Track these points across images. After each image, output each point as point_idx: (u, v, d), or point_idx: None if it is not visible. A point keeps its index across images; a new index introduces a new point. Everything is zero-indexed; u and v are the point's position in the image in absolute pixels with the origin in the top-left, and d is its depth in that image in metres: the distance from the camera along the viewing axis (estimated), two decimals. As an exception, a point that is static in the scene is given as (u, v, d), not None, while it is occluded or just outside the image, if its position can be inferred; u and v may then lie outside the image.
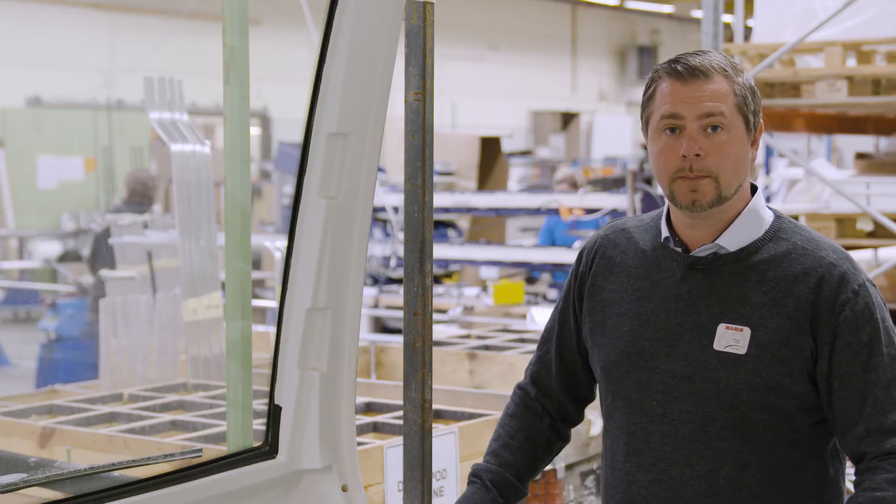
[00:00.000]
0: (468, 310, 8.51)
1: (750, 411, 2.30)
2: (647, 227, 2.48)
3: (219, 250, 4.84)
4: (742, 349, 2.30)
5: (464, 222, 11.29)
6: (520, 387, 2.64)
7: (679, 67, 2.32)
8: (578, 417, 2.65)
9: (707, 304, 2.34)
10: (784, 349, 2.29)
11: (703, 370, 2.32)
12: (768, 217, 2.40)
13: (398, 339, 5.94)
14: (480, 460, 2.58)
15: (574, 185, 9.27)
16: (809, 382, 2.31)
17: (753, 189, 2.42)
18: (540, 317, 6.65)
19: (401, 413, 2.73)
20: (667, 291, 2.38)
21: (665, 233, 2.41)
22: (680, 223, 2.40)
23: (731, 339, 2.31)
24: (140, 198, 8.81)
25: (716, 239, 2.36)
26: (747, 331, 2.30)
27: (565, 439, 2.64)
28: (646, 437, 2.38)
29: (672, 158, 2.31)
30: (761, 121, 2.39)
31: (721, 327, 2.32)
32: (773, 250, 2.34)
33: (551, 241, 9.22)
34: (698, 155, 2.29)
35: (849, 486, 2.91)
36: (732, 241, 2.36)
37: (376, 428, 3.98)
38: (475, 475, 2.55)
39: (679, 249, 2.39)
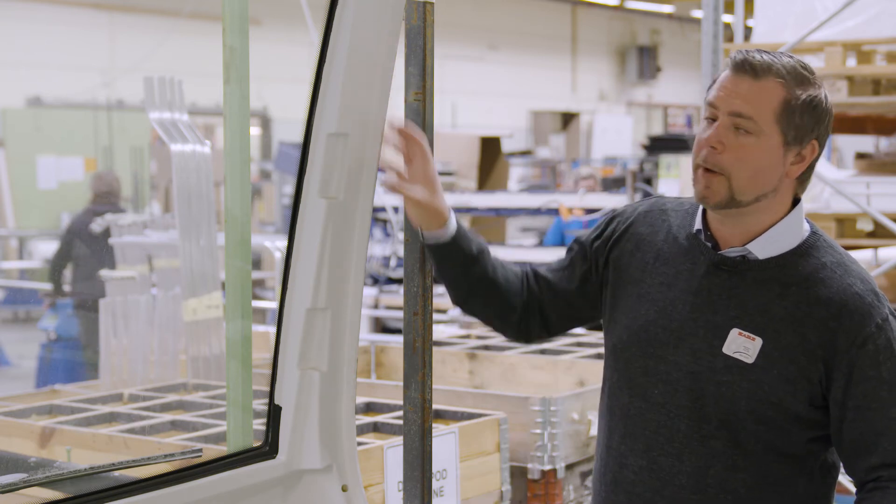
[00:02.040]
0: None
1: (746, 420, 2.29)
2: (685, 214, 2.45)
3: (219, 250, 4.84)
4: (750, 358, 2.28)
5: (464, 222, 11.30)
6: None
7: (739, 58, 2.28)
8: (537, 324, 2.57)
9: (726, 305, 2.32)
10: (791, 367, 2.26)
11: (708, 370, 2.31)
12: (804, 232, 2.35)
13: (398, 339, 5.94)
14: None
15: (594, 185, 9.22)
16: (810, 405, 2.29)
17: (796, 201, 2.37)
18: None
19: (401, 413, 2.73)
20: (689, 284, 2.36)
21: (698, 225, 2.39)
22: (712, 218, 2.37)
23: (742, 346, 2.29)
24: (105, 198, 8.78)
25: (747, 243, 2.33)
26: (759, 341, 2.28)
27: (517, 308, 2.54)
28: (643, 424, 2.38)
29: (700, 147, 2.30)
30: (814, 142, 2.31)
31: (734, 332, 2.30)
32: (801, 266, 2.30)
33: (560, 240, 9.19)
34: (715, 148, 2.26)
35: (847, 485, 2.90)
36: (763, 249, 2.32)
37: (376, 428, 3.98)
38: None
39: (709, 244, 2.36)
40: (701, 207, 2.39)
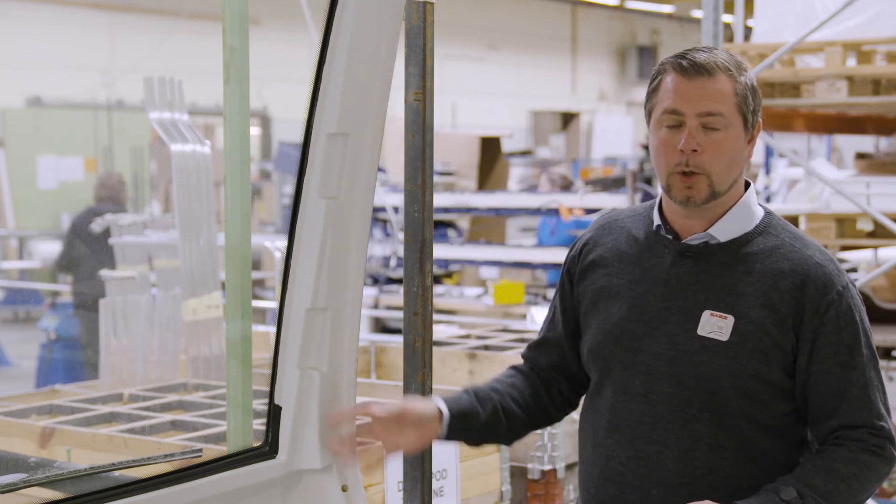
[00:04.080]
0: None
1: (727, 397, 2.37)
2: (641, 216, 2.55)
3: (219, 250, 4.84)
4: (724, 336, 2.36)
5: (464, 222, 11.29)
6: (511, 366, 2.68)
7: (685, 63, 2.37)
8: (570, 392, 2.66)
9: (695, 290, 2.40)
10: (765, 339, 2.35)
11: (685, 353, 2.38)
12: (759, 212, 2.47)
13: (398, 339, 5.94)
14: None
15: (567, 186, 9.23)
16: (784, 374, 2.38)
17: (747, 185, 2.48)
18: (540, 317, 6.65)
19: (401, 413, 2.72)
20: (656, 276, 2.44)
21: (657, 220, 2.48)
22: (673, 213, 2.46)
23: (715, 325, 2.37)
24: (109, 200, 8.80)
25: (707, 229, 2.42)
26: (731, 319, 2.36)
27: (559, 407, 2.66)
28: (626, 415, 2.44)
29: (671, 152, 2.37)
30: (760, 119, 2.44)
31: (706, 314, 2.38)
32: (762, 244, 2.41)
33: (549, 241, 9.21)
34: (695, 151, 2.35)
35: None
36: (724, 231, 2.42)
37: (376, 428, 3.97)
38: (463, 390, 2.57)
39: (670, 237, 2.46)
40: (657, 205, 2.49)
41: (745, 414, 2.37)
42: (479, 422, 2.50)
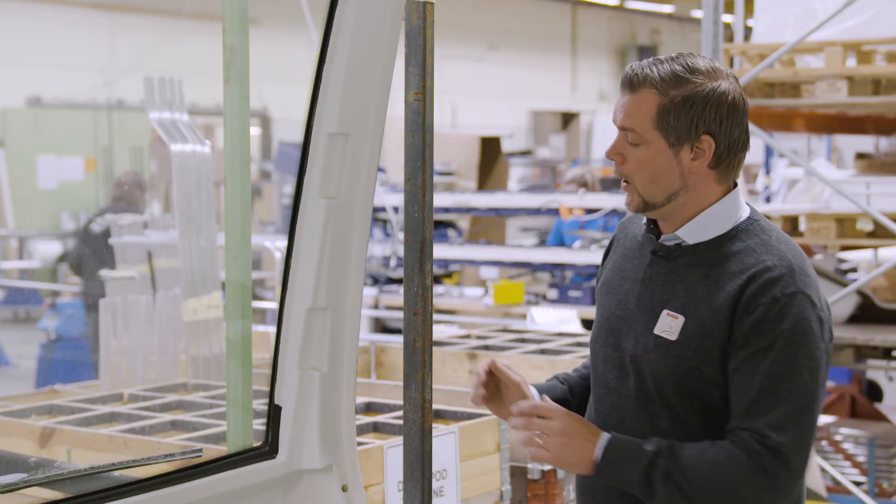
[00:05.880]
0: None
1: (677, 395, 2.42)
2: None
3: (219, 250, 4.84)
4: (674, 336, 2.41)
5: (464, 222, 11.29)
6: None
7: (624, 74, 2.46)
8: None
9: (660, 289, 2.46)
10: (708, 340, 2.38)
11: (643, 351, 2.45)
12: (739, 216, 2.47)
13: (398, 339, 5.94)
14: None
15: (584, 185, 9.23)
16: (726, 374, 2.41)
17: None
18: (540, 317, 6.64)
19: (401, 413, 2.73)
20: (638, 274, 2.52)
21: (645, 219, 2.55)
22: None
23: (668, 325, 2.43)
24: (125, 202, 8.81)
25: (676, 230, 2.48)
26: (681, 319, 2.41)
27: None
28: (602, 408, 2.54)
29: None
30: (706, 136, 2.40)
31: (664, 313, 2.44)
32: (727, 248, 2.43)
33: (559, 241, 9.19)
34: (621, 161, 2.45)
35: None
36: (693, 234, 2.46)
37: (376, 428, 3.98)
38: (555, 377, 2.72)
39: (653, 236, 2.52)
40: None
41: (696, 413, 2.41)
42: (570, 410, 2.56)
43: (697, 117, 2.39)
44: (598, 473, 2.41)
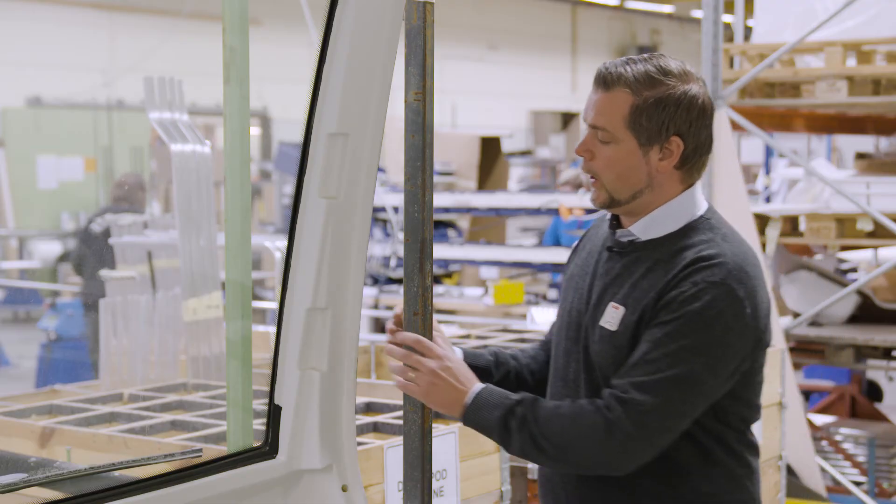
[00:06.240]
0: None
1: None
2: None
3: (219, 250, 4.84)
4: (614, 326, 2.46)
5: (464, 222, 11.29)
6: (543, 339, 2.84)
7: (598, 72, 2.50)
8: None
9: (610, 283, 2.52)
10: (641, 326, 2.42)
11: (591, 343, 2.51)
12: (693, 214, 2.51)
13: (398, 339, 5.92)
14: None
15: (578, 187, 9.24)
16: None
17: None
18: (540, 317, 6.64)
19: (401, 413, 2.73)
20: (596, 268, 2.58)
21: (609, 215, 2.60)
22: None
23: (611, 316, 2.48)
24: (125, 202, 8.81)
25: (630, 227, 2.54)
26: (622, 310, 2.46)
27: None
28: (559, 399, 2.55)
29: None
30: (675, 137, 2.45)
31: (609, 305, 2.49)
32: (674, 244, 2.48)
33: (555, 241, 9.19)
34: (589, 158, 2.49)
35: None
36: (645, 231, 2.51)
37: (376, 428, 3.98)
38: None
39: (611, 231, 2.58)
40: None
41: None
42: (490, 381, 2.57)
43: (669, 119, 2.44)
44: (464, 418, 2.45)
